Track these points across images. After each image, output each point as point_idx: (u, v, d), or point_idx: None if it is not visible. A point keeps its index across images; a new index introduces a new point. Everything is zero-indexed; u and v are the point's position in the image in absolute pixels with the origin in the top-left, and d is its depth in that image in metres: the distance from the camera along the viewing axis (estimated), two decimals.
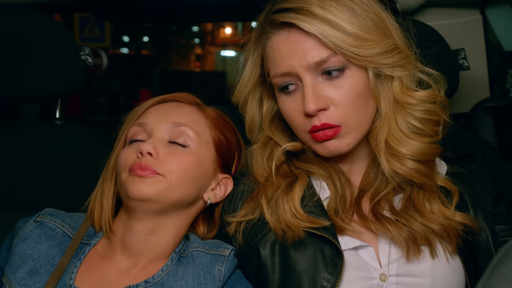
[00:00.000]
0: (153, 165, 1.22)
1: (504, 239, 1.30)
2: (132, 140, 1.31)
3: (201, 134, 1.31)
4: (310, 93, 1.19)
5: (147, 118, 1.31)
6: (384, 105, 1.24)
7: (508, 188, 1.47)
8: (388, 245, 1.23)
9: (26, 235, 1.28)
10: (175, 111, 1.33)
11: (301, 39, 1.20)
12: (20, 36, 1.59)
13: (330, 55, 1.18)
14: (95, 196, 1.34)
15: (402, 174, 1.24)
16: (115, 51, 11.52)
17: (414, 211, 1.24)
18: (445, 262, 1.23)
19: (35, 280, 1.22)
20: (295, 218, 1.22)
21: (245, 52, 1.34)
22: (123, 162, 1.26)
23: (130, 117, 1.36)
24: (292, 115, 1.25)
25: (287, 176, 1.29)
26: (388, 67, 1.22)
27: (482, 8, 2.13)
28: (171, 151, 1.26)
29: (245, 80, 1.35)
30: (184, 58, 13.23)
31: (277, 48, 1.23)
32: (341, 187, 1.27)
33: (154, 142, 1.26)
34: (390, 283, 1.20)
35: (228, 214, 1.32)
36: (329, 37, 1.17)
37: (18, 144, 1.63)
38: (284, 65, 1.22)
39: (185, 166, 1.26)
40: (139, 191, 1.21)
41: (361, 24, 1.19)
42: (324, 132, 1.21)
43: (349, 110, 1.20)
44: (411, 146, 1.24)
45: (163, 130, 1.29)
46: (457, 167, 1.34)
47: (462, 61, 1.77)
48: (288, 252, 1.22)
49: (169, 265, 1.25)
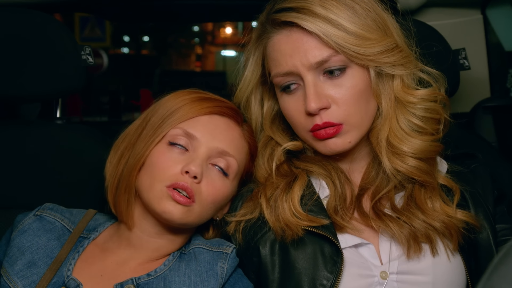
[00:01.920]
0: (194, 190, 1.20)
1: (505, 238, 1.30)
2: (173, 142, 1.24)
3: (240, 165, 1.30)
4: (312, 92, 1.19)
5: (197, 132, 1.25)
6: (385, 103, 1.24)
7: (509, 187, 1.47)
8: (389, 243, 1.23)
9: (25, 228, 1.28)
10: (226, 135, 1.28)
11: (302, 39, 1.20)
12: (20, 36, 1.59)
13: (331, 54, 1.19)
14: (115, 186, 1.27)
15: (403, 172, 1.25)
16: (116, 51, 11.52)
17: (415, 209, 1.24)
18: (446, 260, 1.23)
19: (33, 272, 1.22)
20: (294, 217, 1.22)
21: (246, 52, 1.35)
22: (163, 169, 1.21)
23: (169, 111, 1.27)
24: (293, 114, 1.25)
25: (286, 175, 1.29)
26: (389, 66, 1.22)
27: (483, 8, 2.13)
28: (211, 180, 1.24)
29: (246, 80, 1.35)
30: (185, 58, 13.23)
31: (278, 47, 1.23)
32: (341, 185, 1.27)
33: (201, 164, 1.22)
34: (390, 280, 1.21)
35: (228, 213, 1.32)
36: (331, 36, 1.17)
37: (19, 144, 1.63)
38: (286, 64, 1.22)
39: (219, 198, 1.26)
40: (170, 214, 1.19)
41: (362, 23, 1.20)
42: (326, 130, 1.21)
43: (350, 108, 1.21)
44: (413, 144, 1.24)
45: (210, 151, 1.25)
46: (458, 166, 1.34)
47: (463, 61, 1.77)
48: (288, 251, 1.22)
49: (171, 260, 1.26)
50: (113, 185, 1.28)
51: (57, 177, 1.61)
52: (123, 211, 1.26)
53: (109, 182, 1.29)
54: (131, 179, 1.25)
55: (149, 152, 1.24)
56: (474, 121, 2.08)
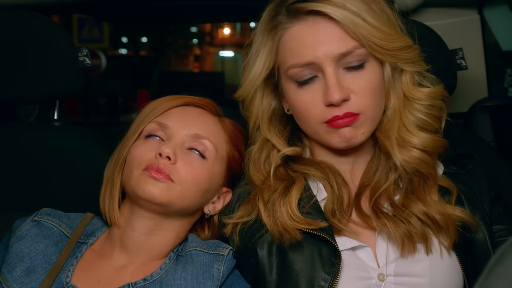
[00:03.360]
0: (168, 170, 1.22)
1: (502, 238, 1.30)
2: (148, 135, 1.29)
3: (219, 149, 1.31)
4: (334, 83, 1.18)
5: (169, 121, 1.29)
6: (394, 99, 1.27)
7: (506, 188, 1.48)
8: (386, 245, 1.24)
9: (23, 234, 1.28)
10: (198, 121, 1.32)
11: (327, 29, 1.19)
12: (18, 37, 1.59)
13: (355, 46, 1.19)
14: (104, 187, 1.32)
15: (413, 164, 1.25)
16: (114, 52, 11.49)
17: (415, 200, 1.25)
18: (442, 261, 1.23)
19: (32, 279, 1.22)
20: (292, 221, 1.22)
21: (256, 44, 1.31)
22: (139, 158, 1.25)
23: (147, 111, 1.33)
24: (307, 106, 1.24)
25: (284, 179, 1.29)
26: (405, 62, 1.24)
27: (480, 8, 2.13)
28: (188, 160, 1.26)
29: (257, 73, 1.30)
30: (183, 58, 13.21)
31: (299, 38, 1.21)
32: (338, 188, 1.27)
33: (174, 146, 1.25)
34: (388, 283, 1.21)
35: (225, 216, 1.32)
36: (358, 28, 1.18)
37: (16, 145, 1.63)
38: (306, 55, 1.20)
39: (199, 179, 1.26)
40: (150, 193, 1.21)
41: (381, 19, 1.21)
42: (343, 119, 1.21)
43: (368, 100, 1.22)
44: (422, 137, 1.26)
45: (184, 136, 1.28)
46: (454, 167, 1.35)
47: (460, 61, 1.77)
48: (286, 252, 1.22)
49: (167, 263, 1.26)
50: (103, 187, 1.33)
51: (54, 179, 1.61)
52: (109, 208, 1.29)
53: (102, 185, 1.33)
54: (114, 176, 1.30)
55: (128, 149, 1.29)
56: (471, 121, 2.08)
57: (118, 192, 1.30)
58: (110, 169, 1.33)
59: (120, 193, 1.30)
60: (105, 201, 1.31)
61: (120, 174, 1.30)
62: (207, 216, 1.34)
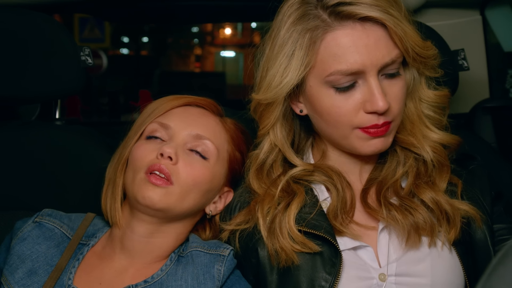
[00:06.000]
0: (170, 170, 1.22)
1: (502, 237, 1.30)
2: (150, 136, 1.29)
3: (220, 149, 1.31)
4: (380, 91, 1.16)
5: (171, 121, 1.29)
6: (413, 102, 1.28)
7: (507, 188, 1.48)
8: (387, 245, 1.24)
9: (25, 236, 1.28)
10: (200, 121, 1.31)
11: (375, 36, 1.16)
12: (20, 37, 1.59)
13: (397, 55, 1.18)
14: (106, 187, 1.32)
15: (437, 157, 1.28)
16: (115, 51, 11.50)
17: (427, 187, 1.25)
18: (443, 260, 1.23)
19: (34, 281, 1.22)
20: (290, 240, 1.20)
21: (287, 45, 1.19)
22: (141, 159, 1.25)
23: (149, 111, 1.33)
24: (343, 112, 1.19)
25: (285, 191, 1.27)
26: (430, 68, 1.25)
27: (482, 8, 2.13)
28: (189, 161, 1.25)
29: (292, 78, 1.19)
30: (184, 58, 13.22)
31: (345, 42, 1.15)
32: (342, 189, 1.27)
33: (176, 146, 1.25)
34: (389, 283, 1.21)
35: (224, 220, 1.32)
36: (407, 36, 1.16)
37: (18, 145, 1.63)
38: (355, 62, 1.15)
39: (200, 180, 1.26)
40: (149, 199, 1.21)
41: (414, 27, 1.20)
42: (380, 129, 1.20)
43: (400, 107, 1.22)
44: (439, 133, 1.29)
45: (186, 137, 1.28)
46: (456, 167, 1.35)
47: (462, 62, 1.77)
48: None
49: (168, 265, 1.26)
50: (105, 187, 1.32)
51: (55, 178, 1.61)
52: (110, 208, 1.28)
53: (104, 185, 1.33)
54: (116, 176, 1.29)
55: (130, 150, 1.28)
56: (473, 122, 2.08)
57: (120, 192, 1.30)
58: (112, 169, 1.33)
59: (122, 193, 1.30)
60: (107, 201, 1.31)
61: (122, 174, 1.30)
62: (209, 216, 1.34)
